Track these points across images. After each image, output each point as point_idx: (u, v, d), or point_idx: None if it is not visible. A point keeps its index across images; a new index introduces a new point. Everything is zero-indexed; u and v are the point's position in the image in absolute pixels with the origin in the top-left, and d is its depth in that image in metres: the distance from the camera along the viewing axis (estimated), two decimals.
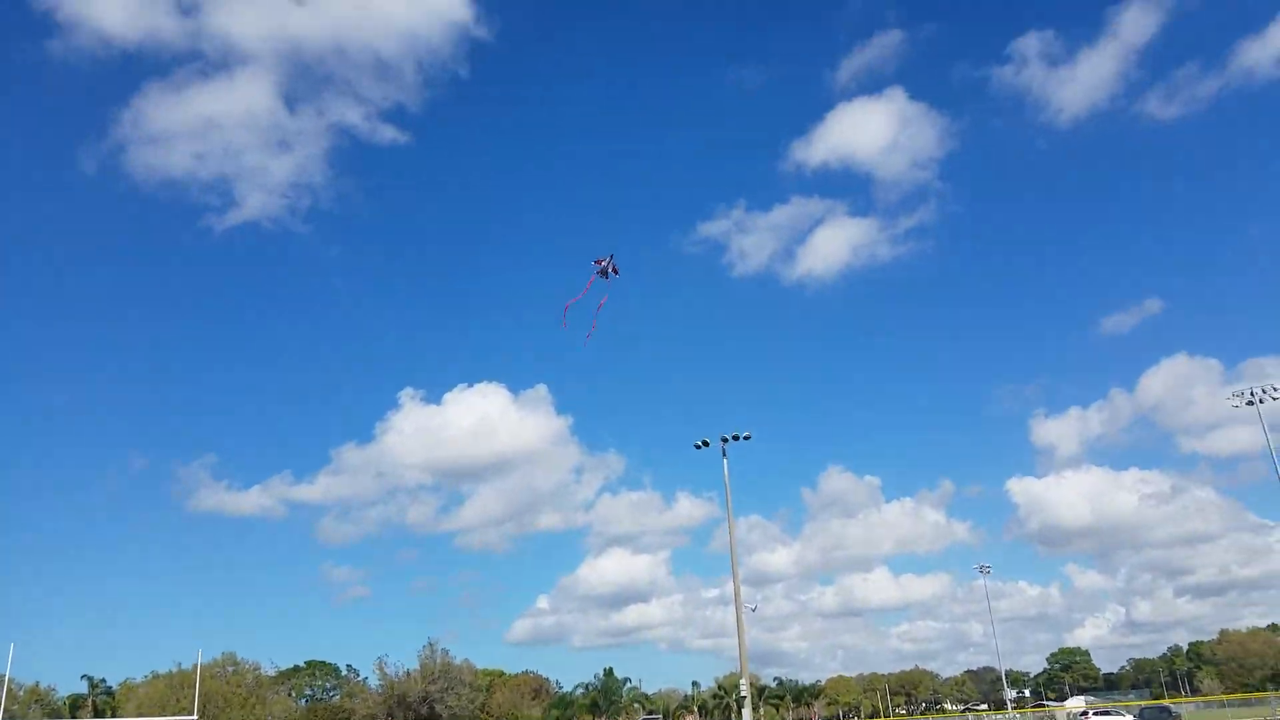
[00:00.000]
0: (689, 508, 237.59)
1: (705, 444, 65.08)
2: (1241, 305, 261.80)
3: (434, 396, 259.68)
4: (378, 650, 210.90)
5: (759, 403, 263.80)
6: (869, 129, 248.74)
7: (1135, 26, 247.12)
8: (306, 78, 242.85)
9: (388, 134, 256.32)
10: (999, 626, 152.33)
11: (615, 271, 57.65)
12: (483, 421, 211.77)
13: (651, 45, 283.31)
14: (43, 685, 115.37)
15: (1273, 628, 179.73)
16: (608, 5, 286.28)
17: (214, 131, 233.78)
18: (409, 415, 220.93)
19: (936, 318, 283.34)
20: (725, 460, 63.99)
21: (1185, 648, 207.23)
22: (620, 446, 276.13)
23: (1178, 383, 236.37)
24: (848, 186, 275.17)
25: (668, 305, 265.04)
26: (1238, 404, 79.53)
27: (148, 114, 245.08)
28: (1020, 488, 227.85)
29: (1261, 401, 77.28)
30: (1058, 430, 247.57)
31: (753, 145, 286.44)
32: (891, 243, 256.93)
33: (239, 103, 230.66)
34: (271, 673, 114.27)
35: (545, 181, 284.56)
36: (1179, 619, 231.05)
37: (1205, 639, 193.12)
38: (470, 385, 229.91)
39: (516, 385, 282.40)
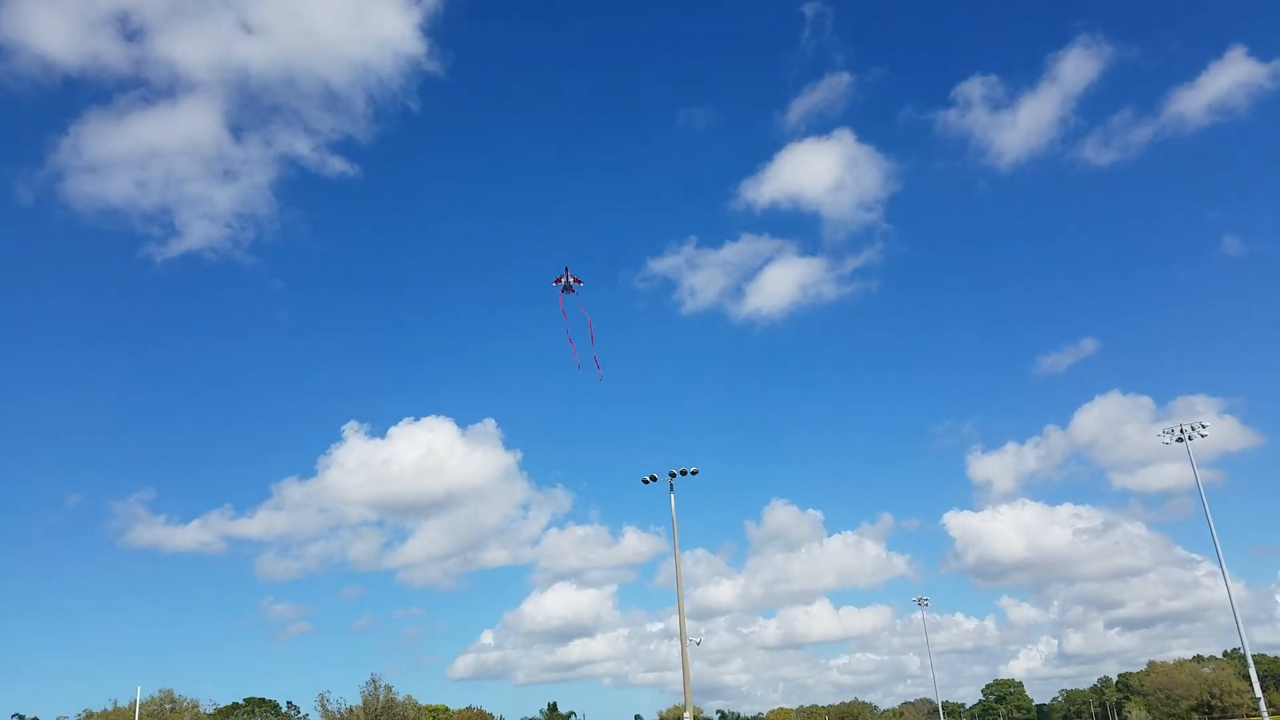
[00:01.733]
0: (636, 542, 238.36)
1: (653, 479, 66.31)
2: (1172, 345, 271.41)
3: (379, 430, 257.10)
4: (320, 687, 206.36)
5: (706, 437, 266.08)
6: (817, 169, 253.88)
7: (1075, 73, 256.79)
8: (254, 107, 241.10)
9: (336, 166, 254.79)
10: (936, 659, 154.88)
11: (578, 281, 60.03)
12: (429, 456, 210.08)
13: (604, 85, 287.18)
14: None
15: (1198, 659, 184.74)
16: (561, 45, 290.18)
17: (156, 160, 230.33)
18: (353, 449, 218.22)
19: (879, 356, 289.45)
20: (673, 495, 65.36)
21: (1115, 679, 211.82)
22: (568, 481, 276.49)
23: (1110, 420, 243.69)
24: (797, 226, 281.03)
25: (618, 341, 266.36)
26: (1168, 441, 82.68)
27: (87, 141, 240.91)
28: (957, 521, 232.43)
29: (1190, 439, 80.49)
30: (994, 466, 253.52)
31: (704, 184, 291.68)
32: (838, 282, 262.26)
33: (183, 131, 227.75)
34: (210, 710, 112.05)
35: (495, 217, 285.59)
36: (1109, 651, 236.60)
37: (1134, 670, 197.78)
38: (417, 419, 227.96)
39: (464, 419, 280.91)
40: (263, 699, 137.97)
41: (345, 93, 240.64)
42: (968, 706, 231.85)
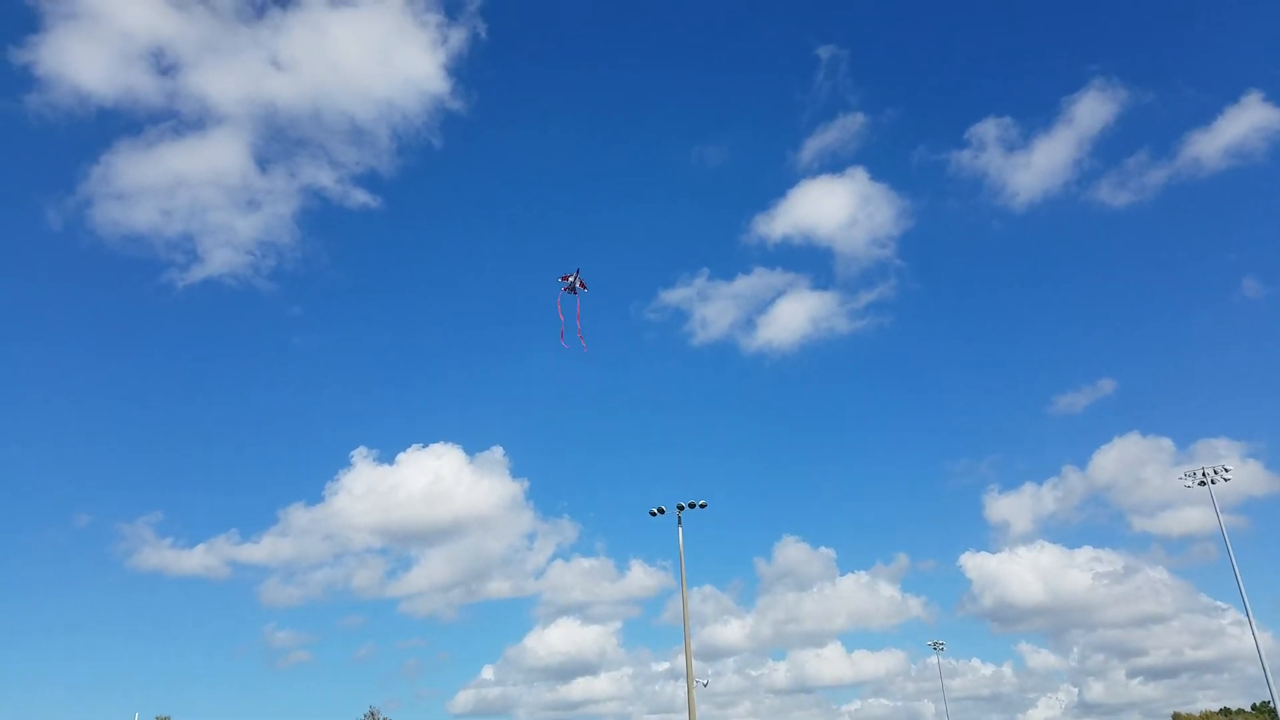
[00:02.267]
0: (642, 577, 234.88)
1: (661, 511, 65.11)
2: (1192, 387, 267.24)
3: (387, 456, 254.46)
4: (318, 717, 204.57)
5: (716, 470, 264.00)
6: (830, 206, 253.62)
7: (1090, 116, 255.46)
8: (280, 139, 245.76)
9: (359, 197, 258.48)
10: (951, 705, 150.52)
11: (583, 286, 61.52)
12: (436, 483, 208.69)
13: (620, 123, 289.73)
14: None
15: (1225, 712, 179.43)
16: (579, 86, 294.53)
17: (182, 189, 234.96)
18: (360, 475, 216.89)
19: (893, 391, 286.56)
20: (680, 529, 64.04)
21: None
22: (575, 512, 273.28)
23: (1130, 462, 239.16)
24: (809, 260, 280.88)
25: (628, 371, 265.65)
26: (1190, 484, 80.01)
27: (117, 170, 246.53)
28: (974, 563, 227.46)
29: (1213, 482, 77.78)
30: (1011, 506, 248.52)
31: (717, 218, 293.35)
32: (850, 316, 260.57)
33: (210, 161, 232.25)
34: None
35: (509, 248, 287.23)
36: (1132, 701, 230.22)
37: None
38: (425, 445, 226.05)
39: (472, 446, 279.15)
40: None
41: (370, 128, 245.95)
42: None
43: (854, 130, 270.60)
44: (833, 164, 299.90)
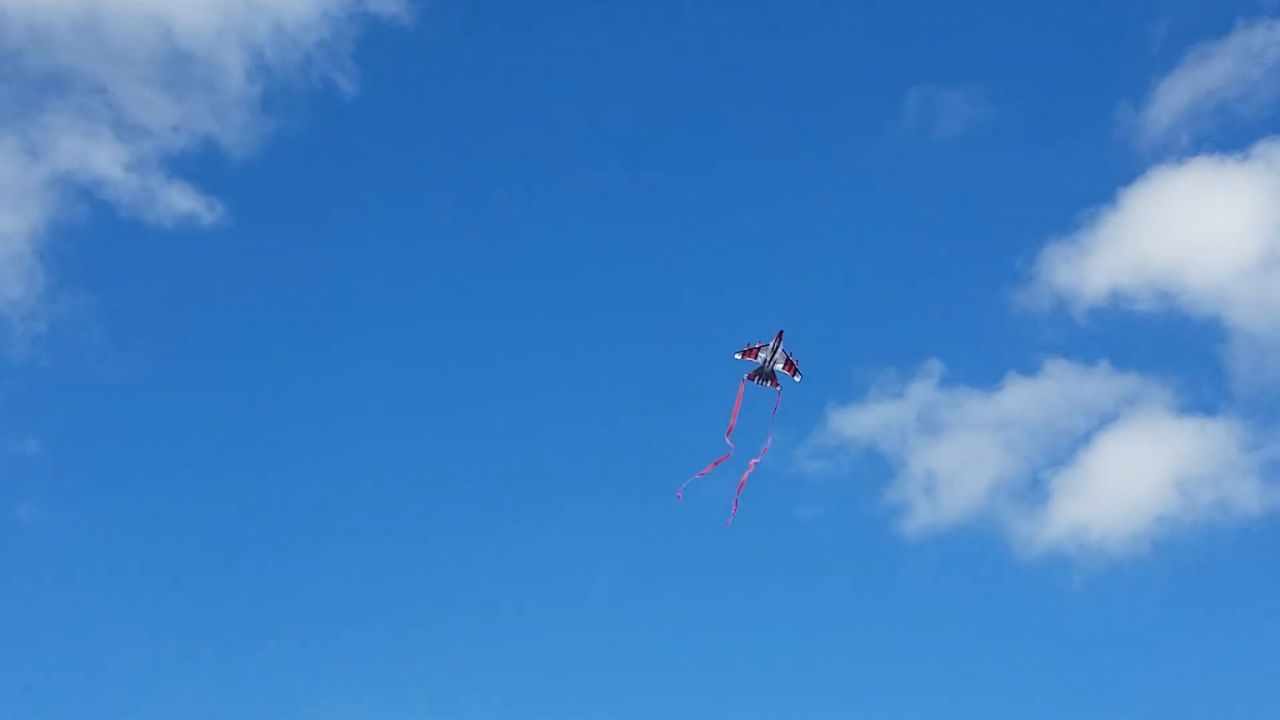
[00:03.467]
0: None
1: None
2: None
3: None
4: None
5: None
6: (1215, 227, 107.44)
7: None
8: (8, 78, 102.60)
9: (179, 202, 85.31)
10: None
11: (793, 372, 33.71)
12: None
13: (744, 46, 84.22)
14: None
15: None
16: None
17: None
18: None
19: None
20: None
21: None
22: None
23: None
24: (1169, 348, 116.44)
25: (757, 585, 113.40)
26: None
27: None
28: None
29: None
30: None
31: (959, 251, 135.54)
32: (1263, 475, 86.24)
33: None
34: None
35: (499, 323, 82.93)
36: None
37: None
38: None
39: None
40: None
41: (204, 55, 54.44)
42: None
43: (1269, 63, 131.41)
44: (1220, 136, 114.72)
